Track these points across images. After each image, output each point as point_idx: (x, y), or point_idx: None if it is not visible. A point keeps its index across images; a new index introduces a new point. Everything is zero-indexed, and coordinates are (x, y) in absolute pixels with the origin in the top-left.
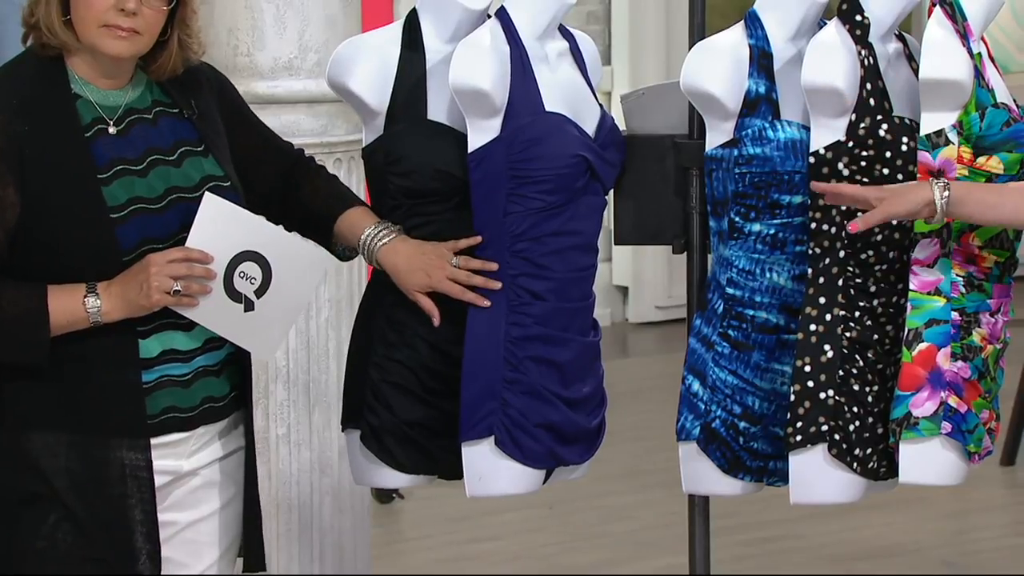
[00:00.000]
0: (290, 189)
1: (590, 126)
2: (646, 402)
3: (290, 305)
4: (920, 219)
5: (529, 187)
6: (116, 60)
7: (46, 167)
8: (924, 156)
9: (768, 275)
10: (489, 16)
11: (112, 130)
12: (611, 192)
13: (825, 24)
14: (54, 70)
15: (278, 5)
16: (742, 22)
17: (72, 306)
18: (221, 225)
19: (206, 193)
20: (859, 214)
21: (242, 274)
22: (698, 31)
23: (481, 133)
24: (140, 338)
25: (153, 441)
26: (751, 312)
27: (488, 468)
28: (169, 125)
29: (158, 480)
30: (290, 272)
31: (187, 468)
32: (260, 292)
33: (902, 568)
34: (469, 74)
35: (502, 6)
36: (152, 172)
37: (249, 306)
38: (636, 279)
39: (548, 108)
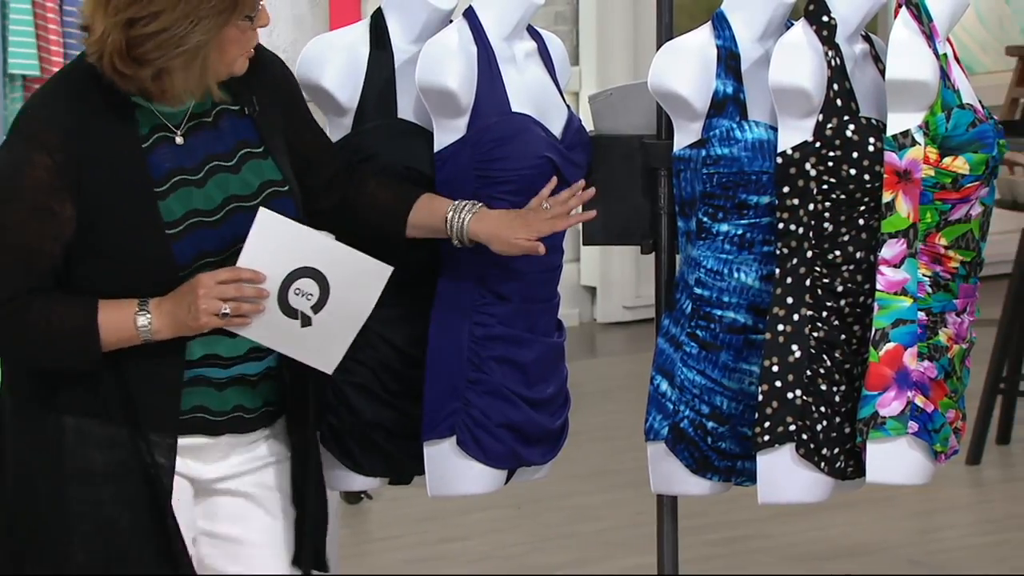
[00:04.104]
0: (349, 191)
1: (557, 127)
2: (614, 402)
3: (350, 318)
4: None
5: (495, 187)
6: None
7: (103, 181)
8: (890, 156)
9: (736, 275)
10: (452, 21)
11: (179, 140)
12: None
13: (792, 25)
14: (110, 80)
15: None
16: (709, 23)
17: (123, 323)
18: (275, 242)
19: (260, 209)
20: (826, 216)
21: (297, 291)
22: (666, 31)
23: (447, 133)
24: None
25: (180, 442)
26: (719, 312)
27: (450, 468)
28: (230, 126)
29: (182, 483)
30: (349, 285)
31: (208, 476)
32: (318, 307)
33: (869, 567)
34: (436, 73)
35: (470, 6)
36: (210, 181)
37: (306, 322)
38: (604, 279)
39: (515, 109)
